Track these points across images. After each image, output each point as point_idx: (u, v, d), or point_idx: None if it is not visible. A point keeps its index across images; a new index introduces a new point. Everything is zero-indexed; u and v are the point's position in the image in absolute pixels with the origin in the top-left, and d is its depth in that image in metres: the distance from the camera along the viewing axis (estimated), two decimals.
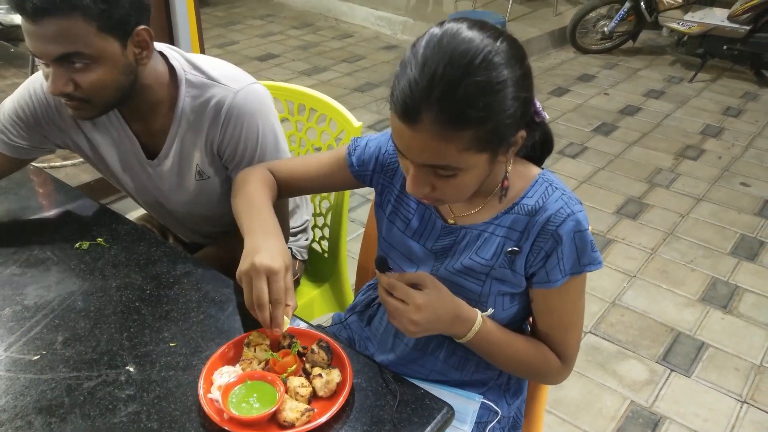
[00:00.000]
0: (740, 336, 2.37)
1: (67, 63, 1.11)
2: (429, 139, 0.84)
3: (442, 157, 0.86)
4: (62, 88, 1.12)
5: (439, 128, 0.83)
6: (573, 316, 1.06)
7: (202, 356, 1.02)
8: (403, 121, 0.85)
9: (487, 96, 0.82)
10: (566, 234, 0.98)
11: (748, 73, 4.81)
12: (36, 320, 1.09)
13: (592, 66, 5.11)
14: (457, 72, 0.81)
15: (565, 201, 0.99)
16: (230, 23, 6.03)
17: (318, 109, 1.67)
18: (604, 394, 2.11)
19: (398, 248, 1.13)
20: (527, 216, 1.01)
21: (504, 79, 0.83)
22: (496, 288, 1.04)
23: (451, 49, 0.82)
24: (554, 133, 1.06)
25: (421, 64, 0.83)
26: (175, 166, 1.35)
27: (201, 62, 1.31)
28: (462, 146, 0.85)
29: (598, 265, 1.01)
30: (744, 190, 3.37)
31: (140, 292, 1.17)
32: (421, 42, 0.86)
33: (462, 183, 0.91)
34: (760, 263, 2.78)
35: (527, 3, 6.03)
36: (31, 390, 0.96)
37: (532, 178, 1.03)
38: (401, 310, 0.97)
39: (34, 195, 1.48)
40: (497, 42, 0.84)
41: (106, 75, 1.14)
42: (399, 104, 0.85)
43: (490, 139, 0.86)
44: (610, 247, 2.87)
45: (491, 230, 1.03)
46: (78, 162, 2.46)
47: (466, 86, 0.81)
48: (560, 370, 1.09)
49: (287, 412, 0.90)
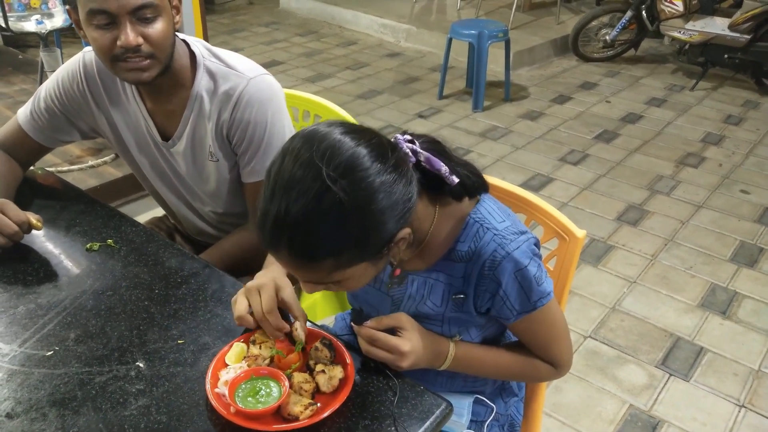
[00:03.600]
0: (739, 341, 2.39)
1: (138, 16, 1.19)
2: (295, 268, 0.88)
3: (316, 279, 0.90)
4: (137, 40, 1.20)
5: (298, 262, 0.86)
6: (553, 335, 1.07)
7: (209, 353, 1.05)
8: (270, 250, 0.90)
9: (338, 226, 0.83)
10: (505, 277, 0.97)
11: (748, 81, 4.84)
12: (49, 318, 1.13)
13: (594, 74, 5.15)
14: (298, 211, 0.82)
15: (497, 243, 0.97)
16: (235, 30, 6.09)
17: (322, 115, 1.71)
18: (603, 398, 2.13)
19: (360, 293, 1.15)
20: (463, 263, 1.00)
21: (359, 200, 0.82)
22: (455, 328, 1.07)
23: (292, 183, 0.83)
24: (556, 140, 1.09)
25: (268, 200, 0.85)
26: (188, 148, 1.41)
27: (220, 52, 1.38)
28: (329, 269, 0.87)
29: (549, 297, 1.00)
30: (744, 197, 3.40)
31: (149, 291, 1.21)
32: (271, 169, 0.87)
33: (353, 281, 0.92)
34: (760, 270, 2.80)
35: (530, 11, 6.07)
36: (45, 384, 0.99)
37: (463, 220, 1.00)
38: (387, 359, 1.00)
39: (45, 198, 1.51)
40: (347, 154, 0.83)
41: (167, 27, 1.24)
42: (262, 236, 0.87)
43: (358, 255, 0.87)
44: (610, 253, 2.90)
45: (434, 277, 1.04)
46: (85, 167, 2.50)
47: (309, 223, 0.82)
48: (555, 374, 1.11)
49: (292, 406, 0.93)
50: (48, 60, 2.53)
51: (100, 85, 1.41)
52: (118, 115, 1.44)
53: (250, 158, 1.38)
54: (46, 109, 1.45)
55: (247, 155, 1.38)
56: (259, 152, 1.37)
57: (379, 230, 0.85)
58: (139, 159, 1.49)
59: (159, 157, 1.46)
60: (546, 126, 4.17)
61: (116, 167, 2.47)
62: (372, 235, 0.85)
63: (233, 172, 1.44)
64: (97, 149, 2.57)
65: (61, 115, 1.45)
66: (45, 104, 1.45)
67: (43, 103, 1.45)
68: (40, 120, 1.46)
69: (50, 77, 1.46)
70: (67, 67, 1.43)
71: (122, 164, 2.36)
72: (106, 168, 2.48)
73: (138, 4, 1.18)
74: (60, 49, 3.05)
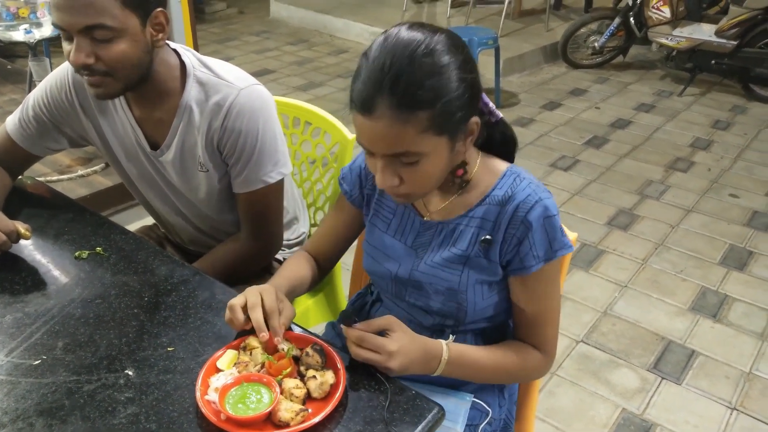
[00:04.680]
0: (730, 344, 2.40)
1: (90, 36, 1.18)
2: (388, 126, 0.92)
3: (402, 142, 0.93)
4: (85, 60, 1.19)
5: (394, 113, 0.91)
6: (550, 304, 1.12)
7: (199, 360, 1.05)
8: (362, 114, 0.94)
9: (433, 78, 0.91)
10: (535, 220, 1.04)
11: (736, 87, 4.89)
12: (36, 326, 1.12)
13: (584, 80, 5.18)
14: (403, 61, 0.91)
15: (532, 189, 1.06)
16: (226, 39, 6.09)
17: (313, 123, 1.71)
18: (596, 402, 2.14)
19: (380, 248, 1.19)
20: (498, 206, 1.07)
21: (447, 63, 0.92)
22: (473, 277, 1.09)
23: (395, 45, 0.92)
24: (546, 146, 1.13)
25: (371, 63, 0.93)
26: (178, 158, 1.40)
27: (210, 62, 1.38)
28: (419, 128, 0.92)
29: (569, 248, 1.07)
30: (733, 201, 3.42)
31: (138, 299, 1.20)
32: (370, 49, 0.95)
33: (426, 171, 0.97)
34: (749, 273, 2.82)
35: (519, 19, 6.12)
36: (32, 393, 0.98)
37: (500, 172, 1.10)
38: (375, 360, 1.00)
39: (34, 207, 1.50)
40: (436, 35, 0.94)
41: (126, 49, 1.21)
42: (356, 100, 0.94)
43: (443, 120, 0.93)
44: (601, 258, 2.91)
45: (465, 222, 1.10)
46: (75, 176, 2.49)
47: (412, 71, 0.90)
48: (543, 364, 1.13)
49: (283, 413, 0.92)
50: (37, 69, 2.52)
51: (89, 94, 1.41)
52: (106, 124, 1.43)
53: (241, 169, 1.37)
54: (34, 117, 1.44)
55: (238, 166, 1.37)
56: (250, 163, 1.36)
57: (464, 98, 0.94)
58: (127, 167, 1.49)
59: (148, 165, 1.46)
60: (536, 132, 4.19)
61: (106, 176, 2.46)
62: (458, 98, 0.93)
63: (223, 182, 1.44)
64: (87, 158, 2.56)
65: (50, 122, 1.45)
66: (33, 112, 1.44)
67: (31, 111, 1.44)
68: (28, 128, 1.46)
69: (39, 85, 1.46)
70: (55, 75, 1.43)
71: (112, 173, 2.36)
72: (95, 177, 2.47)
73: (88, 24, 1.16)
74: (49, 58, 3.04)
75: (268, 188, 1.40)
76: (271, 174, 1.39)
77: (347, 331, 1.02)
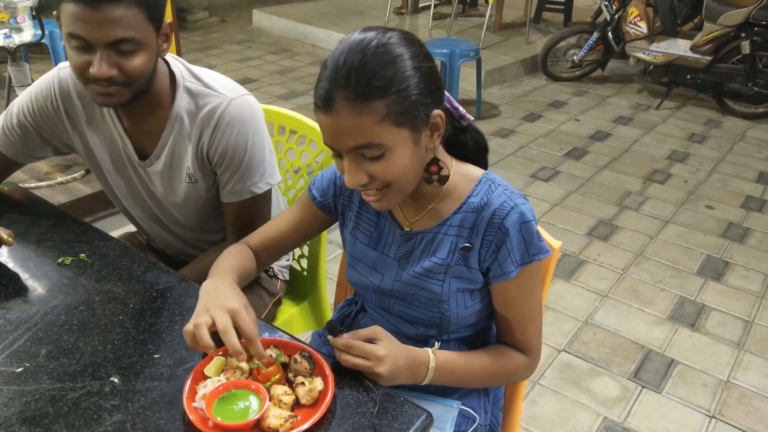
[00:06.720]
0: (707, 353, 2.44)
1: (115, 48, 1.18)
2: (346, 119, 0.93)
3: (362, 133, 0.94)
4: (109, 72, 1.18)
5: (351, 104, 0.92)
6: (531, 306, 1.13)
7: (186, 367, 1.04)
8: (323, 112, 0.95)
9: (386, 68, 0.93)
10: (512, 226, 1.04)
11: (710, 101, 5.00)
12: (18, 334, 1.10)
13: (563, 93, 5.26)
14: (357, 56, 0.93)
15: (508, 195, 1.07)
16: (208, 48, 6.07)
17: (298, 130, 1.71)
18: (577, 410, 2.15)
19: (363, 261, 1.20)
20: (474, 213, 1.08)
21: (399, 54, 0.94)
22: (455, 286, 1.10)
23: (350, 44, 0.95)
24: (527, 157, 1.14)
25: (328, 64, 0.96)
26: (167, 168, 1.39)
27: (200, 72, 1.38)
28: (377, 118, 0.93)
29: (546, 253, 1.07)
30: (709, 212, 3.49)
31: (123, 305, 1.18)
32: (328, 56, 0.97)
33: (394, 165, 0.98)
34: (725, 283, 2.88)
35: (500, 32, 6.20)
36: (15, 401, 0.96)
37: (476, 179, 1.11)
38: (364, 366, 1.00)
39: (15, 212, 1.48)
40: (389, 32, 0.97)
41: (146, 61, 1.22)
42: (317, 100, 0.96)
43: (401, 109, 0.94)
44: (582, 268, 2.94)
45: (444, 231, 1.11)
46: (54, 183, 2.45)
47: (365, 63, 0.92)
48: (528, 364, 1.15)
49: (271, 419, 0.92)
50: (16, 75, 2.48)
51: (76, 103, 1.39)
52: (94, 135, 1.42)
53: (230, 179, 1.37)
54: (18, 125, 1.42)
55: (227, 176, 1.37)
56: (238, 173, 1.36)
57: (420, 87, 0.95)
58: (112, 178, 1.47)
59: (134, 176, 1.44)
60: (517, 143, 4.23)
61: (86, 183, 2.43)
62: (414, 87, 0.95)
63: (211, 192, 1.43)
64: (66, 165, 2.52)
65: (34, 131, 1.43)
66: (18, 120, 1.42)
67: (15, 119, 1.43)
68: (12, 136, 1.44)
69: (23, 93, 1.44)
70: (41, 83, 1.41)
71: (92, 180, 2.33)
72: (75, 184, 2.43)
73: (117, 38, 1.16)
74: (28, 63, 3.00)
75: (256, 198, 1.40)
76: (259, 185, 1.39)
77: (334, 341, 1.03)
